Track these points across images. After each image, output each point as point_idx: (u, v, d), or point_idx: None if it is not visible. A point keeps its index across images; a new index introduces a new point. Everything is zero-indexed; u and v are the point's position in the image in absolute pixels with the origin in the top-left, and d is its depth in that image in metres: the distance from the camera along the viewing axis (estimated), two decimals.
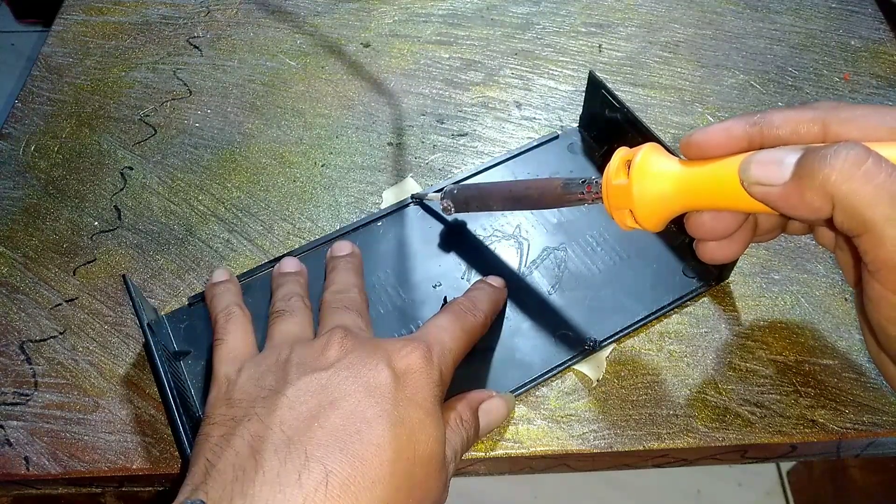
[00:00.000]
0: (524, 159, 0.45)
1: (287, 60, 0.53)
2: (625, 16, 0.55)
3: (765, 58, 0.52)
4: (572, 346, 0.37)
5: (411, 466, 0.28)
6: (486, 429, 0.34)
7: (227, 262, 0.42)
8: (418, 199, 0.43)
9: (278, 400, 0.29)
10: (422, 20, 0.55)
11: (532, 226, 0.42)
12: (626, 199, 0.31)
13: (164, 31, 0.55)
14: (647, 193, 0.30)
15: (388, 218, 0.43)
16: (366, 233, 0.42)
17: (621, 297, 0.39)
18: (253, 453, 0.27)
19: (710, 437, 0.35)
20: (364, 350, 0.31)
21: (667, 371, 0.37)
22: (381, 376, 0.29)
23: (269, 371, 0.31)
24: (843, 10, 0.55)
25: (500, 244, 0.41)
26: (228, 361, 0.33)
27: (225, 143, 0.48)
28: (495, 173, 0.45)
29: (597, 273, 0.40)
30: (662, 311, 0.39)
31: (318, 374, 0.30)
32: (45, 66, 0.52)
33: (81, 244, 0.43)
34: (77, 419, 0.36)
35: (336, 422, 0.28)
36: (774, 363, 0.37)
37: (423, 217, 0.43)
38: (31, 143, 0.48)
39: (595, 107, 0.44)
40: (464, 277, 0.40)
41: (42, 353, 0.38)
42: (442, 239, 0.42)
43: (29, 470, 0.35)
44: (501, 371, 0.37)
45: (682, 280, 0.40)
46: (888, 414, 0.35)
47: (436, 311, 0.37)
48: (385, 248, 0.41)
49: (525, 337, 0.38)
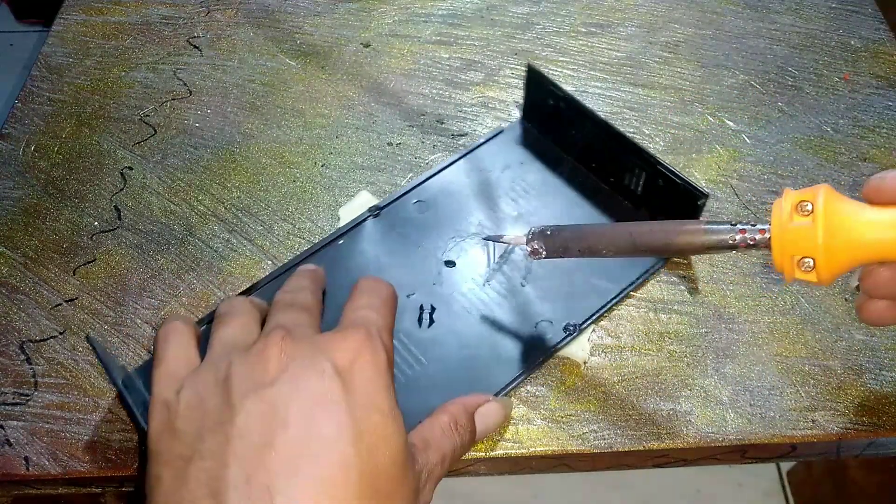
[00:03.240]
0: (472, 158, 0.45)
1: (287, 60, 0.53)
2: (625, 16, 0.55)
3: (765, 58, 0.52)
4: (554, 334, 0.38)
5: (376, 479, 0.27)
6: (483, 433, 0.34)
7: (226, 262, 0.42)
8: (492, 240, 0.40)
9: (228, 431, 0.27)
10: (422, 20, 0.55)
11: (493, 221, 0.42)
12: (807, 245, 0.27)
13: (164, 31, 0.55)
14: (836, 238, 0.27)
15: (349, 235, 0.42)
16: (328, 253, 0.41)
17: (592, 278, 0.40)
18: (213, 497, 0.25)
19: (710, 437, 0.35)
20: (304, 354, 0.29)
21: (667, 371, 0.37)
22: (328, 384, 0.28)
23: (210, 392, 0.28)
24: (843, 10, 0.55)
25: (466, 243, 0.41)
26: (165, 383, 0.30)
27: (225, 143, 0.48)
28: (448, 174, 0.44)
29: (564, 259, 0.40)
30: (633, 285, 0.40)
31: (263, 392, 0.27)
32: (45, 66, 0.52)
33: (81, 244, 0.43)
34: (77, 419, 0.36)
35: (291, 446, 0.26)
36: (774, 363, 0.37)
37: (385, 229, 0.42)
38: (31, 143, 0.48)
39: (537, 98, 0.45)
40: (435, 283, 0.40)
41: (42, 353, 0.38)
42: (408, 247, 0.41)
43: (29, 470, 0.35)
44: (487, 371, 0.36)
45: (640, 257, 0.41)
46: (888, 414, 0.35)
47: (412, 322, 0.38)
48: (351, 265, 0.41)
49: (506, 333, 0.38)
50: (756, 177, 0.45)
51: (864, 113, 0.49)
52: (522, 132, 0.47)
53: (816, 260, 0.27)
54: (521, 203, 0.43)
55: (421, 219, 0.43)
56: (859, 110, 0.49)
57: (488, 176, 0.44)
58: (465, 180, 0.44)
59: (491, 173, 0.45)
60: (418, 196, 0.43)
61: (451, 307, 0.39)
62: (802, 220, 0.27)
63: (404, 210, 0.43)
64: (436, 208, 0.43)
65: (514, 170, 0.45)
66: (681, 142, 0.47)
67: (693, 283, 0.41)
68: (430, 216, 0.43)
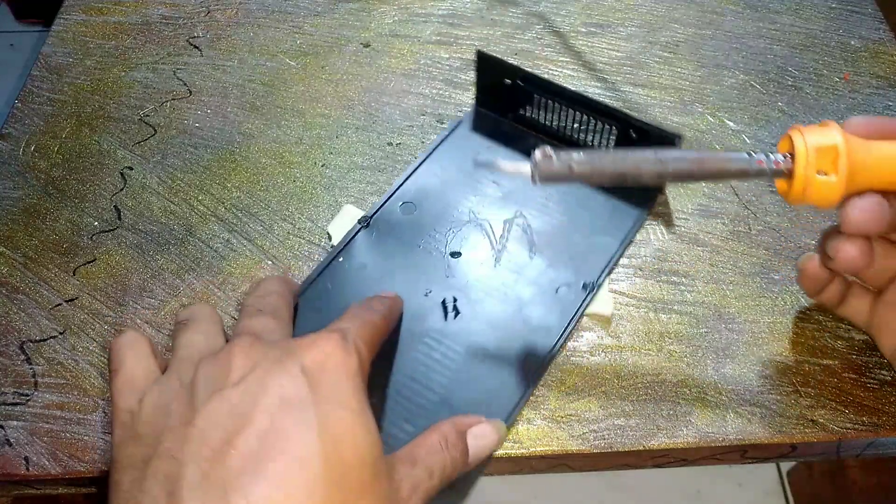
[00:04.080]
0: (441, 152, 0.46)
1: (287, 60, 0.53)
2: (625, 16, 0.55)
3: (765, 58, 0.52)
4: (576, 295, 0.39)
5: (341, 477, 0.26)
6: (476, 454, 0.33)
7: (226, 262, 0.42)
8: (483, 164, 0.34)
9: (188, 431, 0.26)
10: (422, 20, 0.55)
11: (482, 206, 0.43)
12: (829, 137, 0.30)
13: (164, 31, 0.55)
14: (857, 142, 0.30)
15: (346, 251, 0.41)
16: (331, 274, 0.40)
17: (591, 237, 0.41)
18: (169, 498, 0.25)
19: (710, 438, 0.35)
20: (272, 357, 0.28)
21: (667, 371, 0.37)
22: (294, 382, 0.27)
23: (175, 396, 0.28)
24: (843, 10, 0.55)
25: (462, 231, 0.42)
26: (127, 392, 0.29)
27: (225, 143, 0.48)
28: (423, 173, 0.45)
29: (561, 224, 0.42)
30: (629, 235, 0.42)
31: (227, 392, 0.27)
32: (45, 66, 0.52)
33: (81, 244, 0.43)
34: (77, 419, 0.36)
35: (252, 444, 0.25)
36: (774, 363, 0.37)
37: (380, 238, 0.42)
38: (31, 143, 0.48)
39: (490, 82, 0.46)
40: (448, 276, 0.40)
41: (42, 353, 0.38)
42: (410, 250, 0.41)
43: (29, 470, 0.35)
44: (525, 344, 0.37)
45: (626, 209, 0.43)
46: (888, 414, 0.35)
47: (439, 318, 0.38)
48: (357, 281, 0.40)
49: (532, 304, 0.39)
50: None
51: (865, 113, 0.49)
52: (480, 119, 0.47)
53: (840, 154, 0.30)
54: (503, 185, 0.44)
55: (411, 219, 0.42)
56: (859, 110, 0.49)
57: (462, 165, 0.45)
58: (442, 175, 0.44)
59: (464, 162, 0.45)
60: (402, 199, 0.43)
61: (470, 295, 0.39)
62: (826, 137, 0.30)
63: (392, 215, 0.43)
64: (423, 207, 0.43)
65: (485, 155, 0.45)
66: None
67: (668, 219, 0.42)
68: (420, 215, 0.43)
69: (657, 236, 0.42)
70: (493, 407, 0.35)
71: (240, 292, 0.40)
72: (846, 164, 0.30)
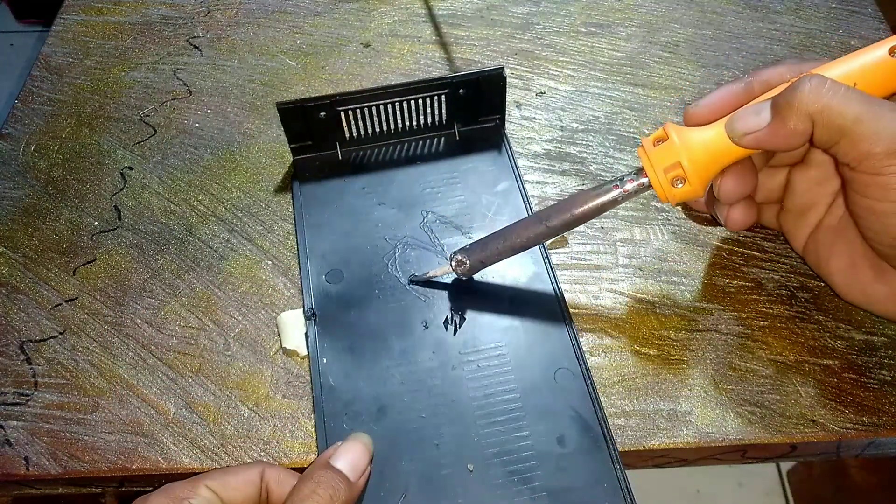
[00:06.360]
0: (308, 217, 0.43)
1: (287, 60, 0.53)
2: (625, 16, 0.55)
3: (765, 58, 0.52)
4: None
5: None
6: (354, 468, 0.32)
7: (226, 262, 0.42)
8: (419, 281, 0.39)
9: None
10: (422, 20, 0.55)
11: (400, 229, 0.42)
12: (672, 156, 0.34)
13: (164, 31, 0.55)
14: (692, 148, 0.33)
15: (319, 354, 0.37)
16: (320, 383, 0.36)
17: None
18: None
19: (710, 437, 0.35)
20: None
21: (667, 371, 0.37)
22: None
23: None
24: (843, 10, 0.55)
25: (410, 256, 0.41)
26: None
27: (225, 143, 0.48)
28: (310, 242, 0.42)
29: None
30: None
31: None
32: (45, 66, 0.52)
33: (81, 244, 0.43)
34: (77, 419, 0.36)
35: None
36: (774, 363, 0.37)
37: (336, 319, 0.38)
38: (31, 143, 0.48)
39: (300, 128, 0.43)
40: (425, 301, 0.39)
41: (42, 353, 0.38)
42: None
43: (29, 470, 0.35)
44: (535, 318, 0.38)
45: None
46: (888, 414, 0.35)
47: (447, 335, 0.37)
48: (343, 374, 0.37)
49: (518, 287, 0.40)
50: None
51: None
52: (307, 168, 0.45)
53: (684, 163, 0.33)
54: (386, 206, 0.43)
55: (349, 285, 0.40)
56: None
57: (332, 216, 0.43)
58: (331, 236, 0.42)
59: (336, 209, 0.43)
60: (322, 273, 0.40)
61: (459, 303, 0.39)
62: (663, 143, 0.34)
63: (326, 292, 0.39)
64: (349, 267, 0.40)
65: (348, 193, 0.44)
66: None
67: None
68: (353, 274, 0.40)
69: (657, 236, 0.42)
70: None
71: (240, 292, 0.40)
72: (693, 170, 0.34)
